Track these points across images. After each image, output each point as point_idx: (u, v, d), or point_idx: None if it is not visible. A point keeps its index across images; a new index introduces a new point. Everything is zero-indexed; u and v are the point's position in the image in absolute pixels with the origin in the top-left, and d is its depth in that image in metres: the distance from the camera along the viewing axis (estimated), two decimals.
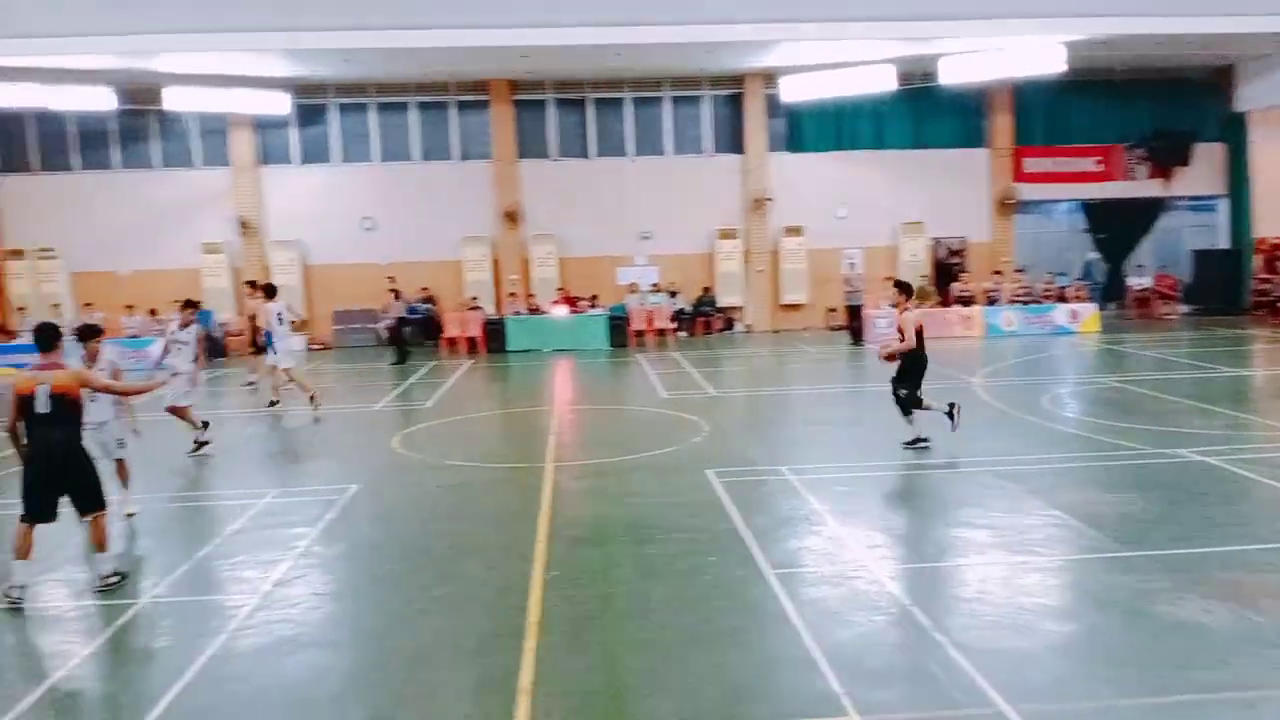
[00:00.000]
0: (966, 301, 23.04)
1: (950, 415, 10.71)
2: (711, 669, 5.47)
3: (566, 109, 24.66)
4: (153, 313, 22.20)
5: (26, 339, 18.79)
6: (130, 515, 8.93)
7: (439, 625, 6.27)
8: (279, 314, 15.23)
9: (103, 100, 21.55)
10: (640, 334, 22.91)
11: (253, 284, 19.01)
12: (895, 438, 10.89)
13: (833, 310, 24.72)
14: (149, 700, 5.27)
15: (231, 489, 10.20)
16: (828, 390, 15.88)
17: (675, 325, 23.84)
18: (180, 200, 23.81)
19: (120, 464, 9.10)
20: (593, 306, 23.09)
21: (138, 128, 23.67)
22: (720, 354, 21.24)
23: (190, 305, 12.97)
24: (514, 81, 23.98)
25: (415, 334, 23.57)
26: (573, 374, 18.78)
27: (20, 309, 23.02)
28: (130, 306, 22.30)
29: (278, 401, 15.31)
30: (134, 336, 21.52)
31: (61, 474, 6.99)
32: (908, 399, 10.66)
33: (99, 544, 7.16)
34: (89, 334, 8.78)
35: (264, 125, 23.79)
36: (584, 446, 11.95)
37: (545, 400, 15.59)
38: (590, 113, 24.65)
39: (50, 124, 23.38)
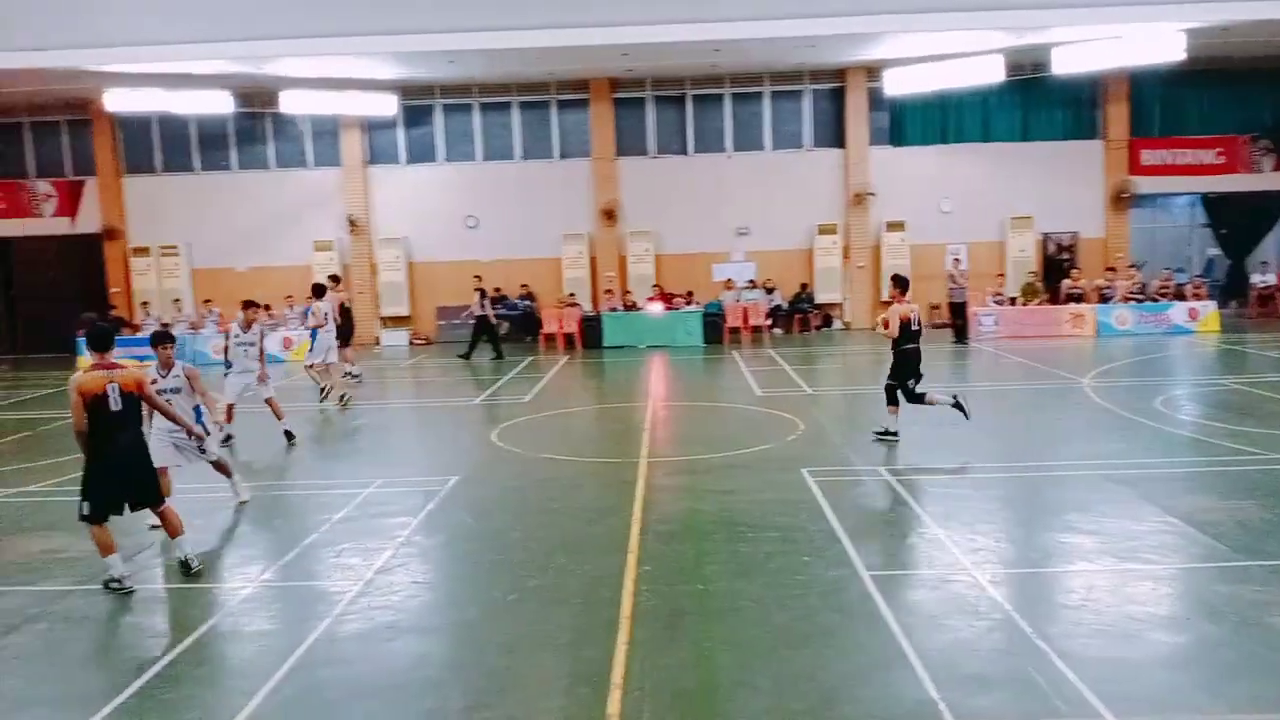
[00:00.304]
0: (1077, 299, 22.23)
1: (960, 407, 11.16)
2: (804, 669, 5.43)
3: (665, 106, 24.70)
4: (267, 308, 23.05)
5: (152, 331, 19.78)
6: (243, 503, 9.27)
7: (533, 616, 6.38)
8: (317, 312, 15.77)
9: (222, 104, 22.50)
10: (735, 331, 22.80)
11: (335, 278, 19.66)
12: (998, 439, 10.60)
13: (936, 307, 24.16)
14: (259, 679, 5.50)
15: (339, 478, 10.55)
16: (929, 389, 15.50)
17: (771, 322, 23.66)
18: (293, 199, 24.71)
19: (216, 463, 9.13)
20: (688, 303, 23.09)
21: (254, 130, 24.65)
22: (817, 351, 20.99)
23: (251, 305, 13.10)
24: (614, 79, 24.14)
25: (514, 330, 23.99)
26: (667, 370, 18.83)
27: (144, 304, 24.23)
28: (267, 306, 23.22)
29: (327, 391, 15.63)
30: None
31: (130, 472, 7.16)
32: (890, 389, 11.25)
33: (174, 531, 7.41)
34: (161, 340, 8.63)
35: (373, 126, 24.49)
36: (677, 443, 11.97)
37: (639, 396, 15.67)
38: (689, 109, 24.63)
39: (173, 127, 24.52)
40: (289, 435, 12.53)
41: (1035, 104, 23.97)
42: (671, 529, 8.12)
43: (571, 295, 23.82)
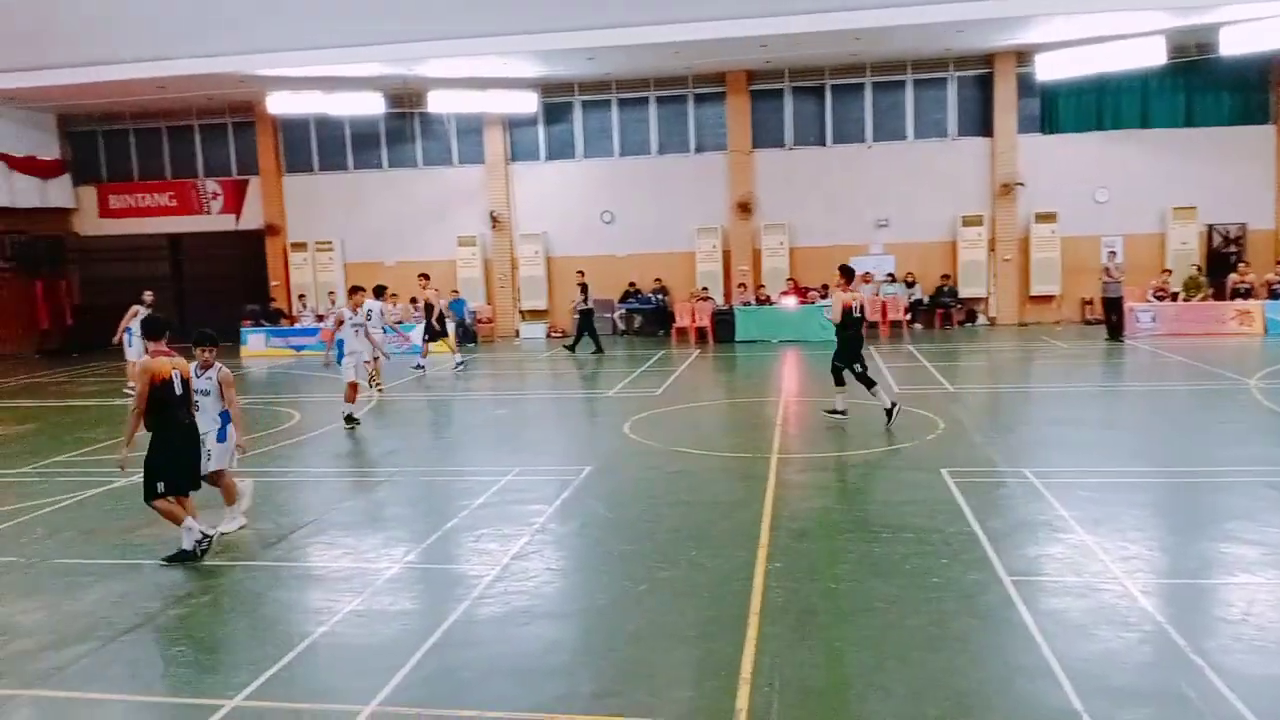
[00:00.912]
0: (1244, 295, 20.78)
1: (889, 414, 11.83)
2: (938, 673, 5.29)
3: (803, 97, 24.38)
4: (412, 301, 23.99)
5: (308, 323, 20.90)
6: (222, 534, 8.12)
7: (663, 607, 6.43)
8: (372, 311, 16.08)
9: (374, 105, 23.49)
10: (873, 325, 22.31)
11: (425, 275, 20.78)
12: (1154, 442, 10.03)
13: (1088, 302, 23.04)
14: (401, 657, 5.74)
15: (479, 465, 10.88)
16: (1079, 388, 14.84)
17: (910, 317, 23.05)
18: (439, 196, 25.59)
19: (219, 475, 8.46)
20: (823, 297, 22.73)
21: (403, 130, 25.64)
22: (959, 347, 20.34)
23: (358, 290, 14.24)
24: (751, 72, 23.98)
25: (647, 323, 24.18)
26: (800, 365, 18.60)
27: (301, 297, 25.57)
28: (395, 295, 24.20)
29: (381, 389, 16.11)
30: (398, 322, 23.32)
31: (187, 453, 7.65)
32: (836, 370, 12.29)
33: (191, 512, 7.69)
34: (201, 341, 8.21)
35: (514, 124, 25.10)
36: (810, 439, 11.82)
37: (771, 391, 15.55)
38: (828, 99, 24.23)
39: (329, 128, 25.77)
40: (350, 419, 13.07)
41: (1200, 87, 22.53)
42: (803, 526, 8.03)
43: (704, 289, 23.83)
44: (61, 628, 6.43)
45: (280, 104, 23.23)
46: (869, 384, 12.12)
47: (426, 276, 20.69)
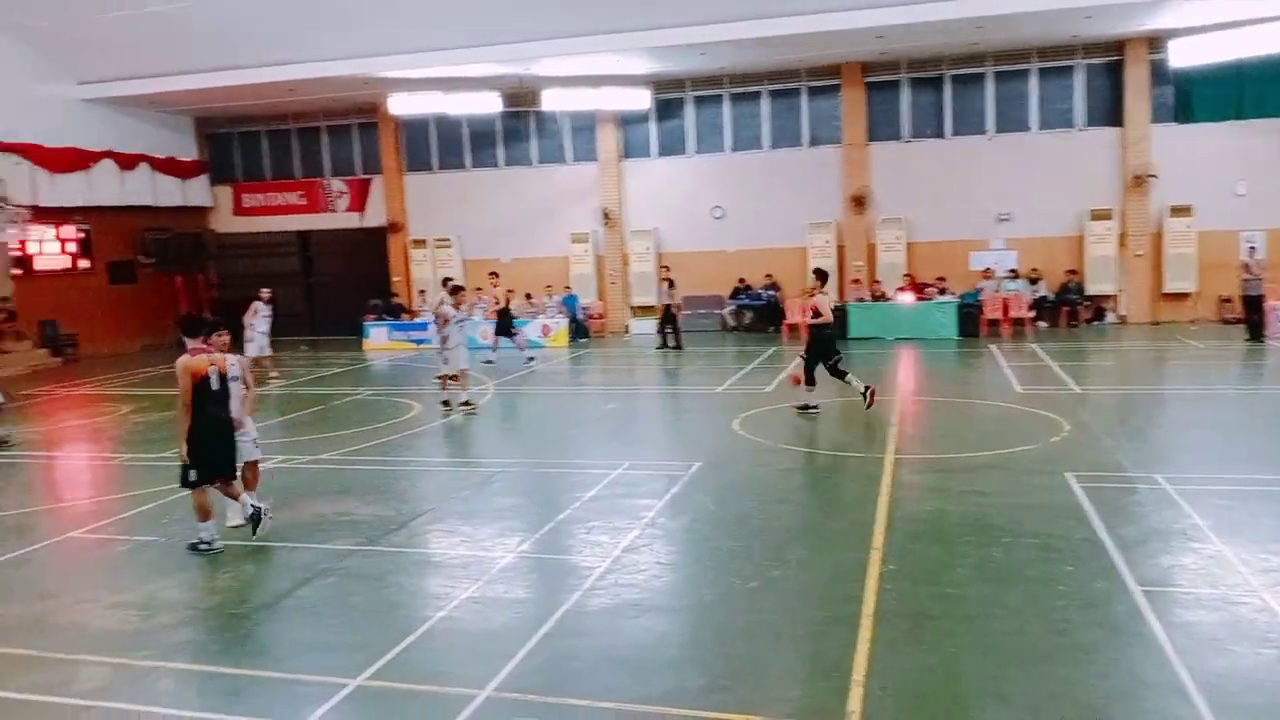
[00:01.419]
0: None
1: (865, 395, 12.59)
2: (1059, 684, 5.11)
3: (921, 88, 23.78)
4: (528, 297, 24.44)
5: (427, 317, 21.51)
6: (236, 527, 8.43)
7: (773, 605, 6.39)
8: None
9: (490, 104, 23.98)
10: (994, 323, 21.64)
11: (495, 274, 21.53)
12: None
13: (1227, 300, 21.79)
14: (514, 643, 5.87)
15: (590, 459, 11.01)
16: (1216, 390, 14.07)
17: (1034, 314, 22.25)
18: (553, 194, 25.95)
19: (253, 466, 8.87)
20: (941, 293, 22.16)
21: (519, 128, 26.09)
22: (1087, 346, 19.53)
23: (460, 289, 15.14)
24: (866, 63, 23.52)
25: (757, 320, 24.01)
26: (917, 364, 18.17)
27: (421, 292, 26.32)
28: (510, 291, 24.68)
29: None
30: (513, 318, 23.78)
31: (223, 444, 8.04)
32: (810, 370, 12.87)
33: (238, 495, 8.16)
34: (219, 327, 8.56)
35: (626, 121, 25.25)
36: (927, 439, 11.54)
37: (886, 390, 15.21)
38: (947, 90, 23.57)
39: (447, 128, 26.43)
40: (449, 404, 13.86)
41: None
42: (919, 528, 7.86)
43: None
44: (198, 604, 6.80)
45: (401, 105, 23.93)
46: (841, 375, 12.95)
47: (496, 275, 21.54)
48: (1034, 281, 22.80)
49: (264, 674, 5.66)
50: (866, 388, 12.71)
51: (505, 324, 20.27)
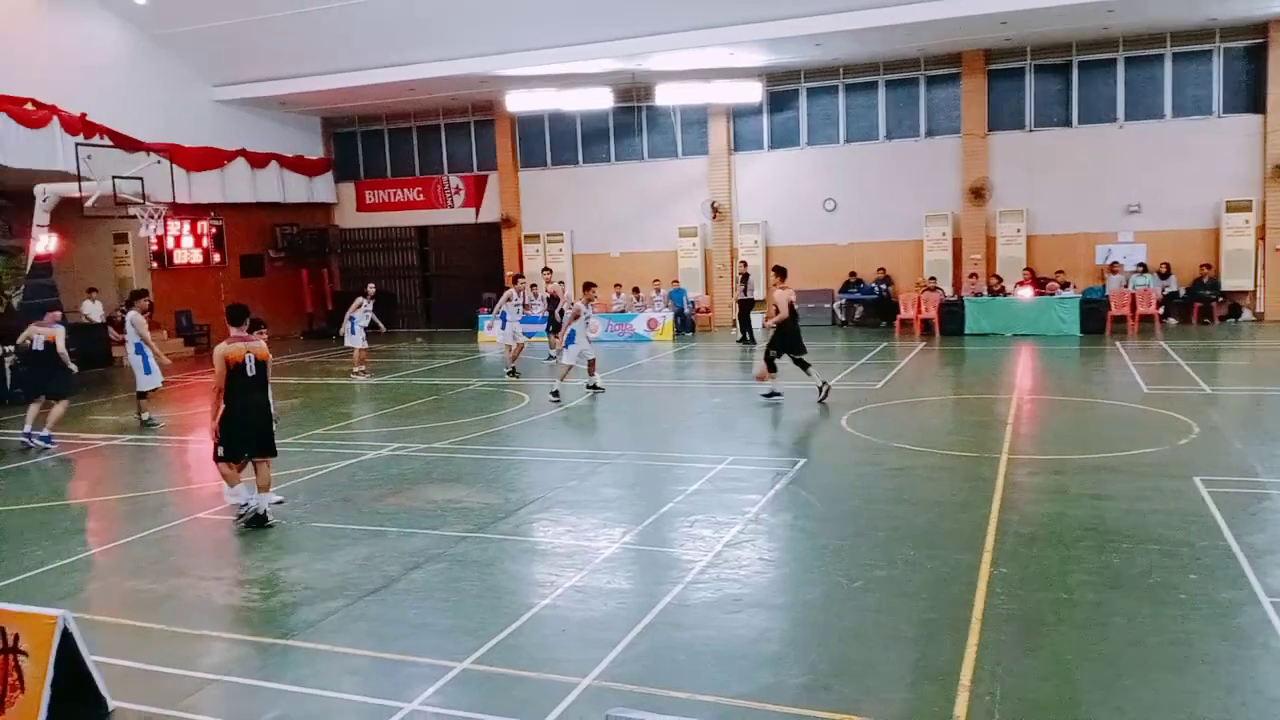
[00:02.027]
0: None
1: (821, 390, 13.45)
2: (1179, 697, 4.88)
3: (1046, 75, 22.90)
4: (635, 291, 24.58)
5: (538, 311, 21.87)
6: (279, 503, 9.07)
7: (878, 605, 6.29)
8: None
9: (603, 100, 24.18)
10: (1120, 320, 20.72)
11: (549, 269, 22.32)
12: None
13: None
14: (617, 633, 5.94)
15: (693, 452, 11.02)
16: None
17: (1163, 311, 21.20)
18: (663, 188, 26.01)
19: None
20: (1063, 288, 21.32)
21: (630, 123, 26.24)
22: (1219, 345, 18.52)
23: (591, 285, 16.12)
24: (989, 50, 22.79)
25: (869, 314, 23.58)
26: (1036, 361, 17.54)
27: (533, 286, 26.73)
28: (618, 285, 24.90)
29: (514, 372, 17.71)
30: (620, 311, 24.01)
31: (256, 427, 8.55)
32: (770, 357, 13.66)
33: (267, 484, 8.68)
34: (260, 324, 9.58)
35: (738, 114, 25.10)
36: (1045, 440, 11.14)
37: (1003, 388, 14.76)
38: (1074, 77, 22.64)
39: (561, 124, 26.77)
40: (556, 395, 14.37)
41: None
42: (1033, 531, 7.60)
43: (932, 279, 22.92)
44: (316, 584, 7.10)
45: (517, 102, 24.35)
46: (805, 366, 13.73)
47: (550, 270, 22.26)
48: (1164, 276, 21.74)
49: (377, 654, 5.87)
50: (823, 383, 13.57)
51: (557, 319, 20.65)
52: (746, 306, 22.17)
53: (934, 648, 5.62)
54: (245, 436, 8.59)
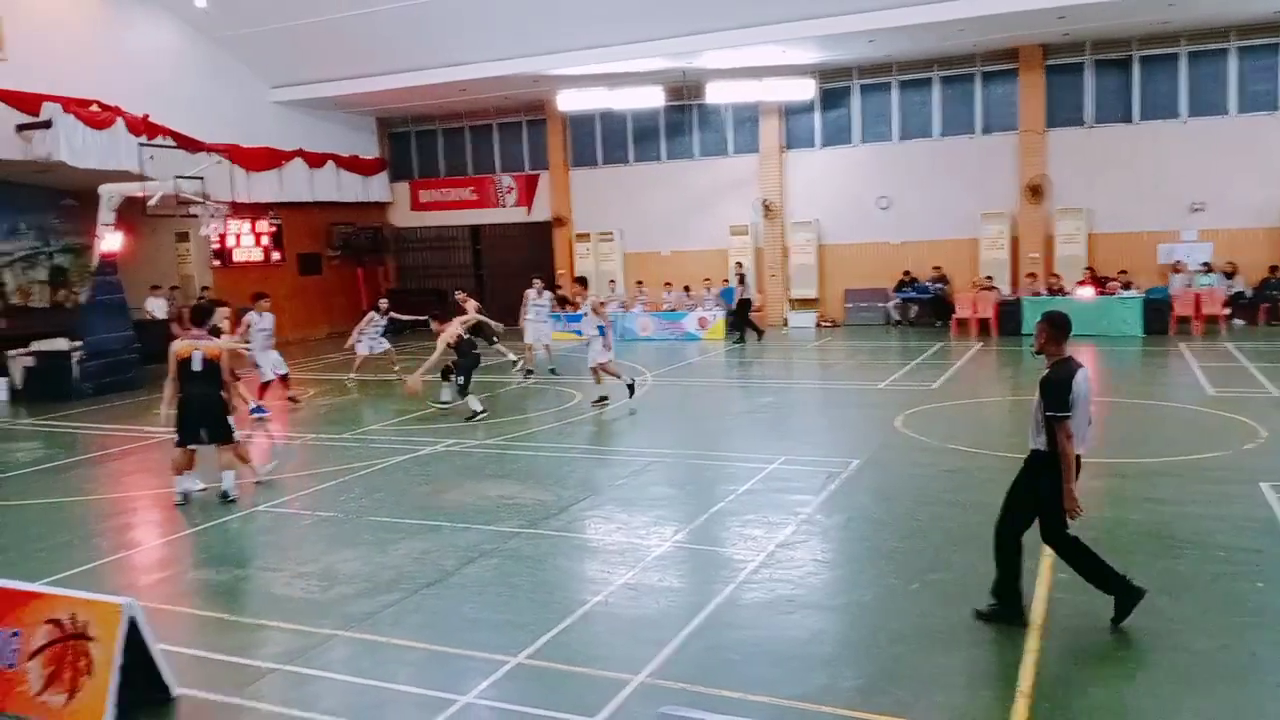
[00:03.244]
0: None
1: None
2: (1242, 709, 4.77)
3: (1107, 70, 22.43)
4: (686, 289, 24.55)
5: (585, 309, 21.95)
6: (259, 482, 10.07)
7: (933, 609, 6.22)
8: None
9: (654, 99, 24.19)
10: (1184, 320, 20.22)
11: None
12: None
13: None
14: (668, 631, 5.95)
15: (745, 452, 10.98)
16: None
17: (1229, 311, 20.65)
18: (713, 186, 25.94)
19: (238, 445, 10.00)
20: (1125, 288, 20.86)
21: (681, 122, 26.21)
22: None
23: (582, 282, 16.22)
24: (1047, 45, 22.38)
25: (923, 313, 23.31)
26: (1097, 362, 17.18)
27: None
28: (669, 283, 24.89)
29: (531, 371, 17.79)
30: (670, 310, 23.99)
31: (204, 415, 9.29)
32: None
33: (227, 465, 9.48)
34: (215, 332, 10.44)
35: (790, 112, 24.95)
36: (1105, 443, 10.86)
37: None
38: (1135, 72, 22.15)
39: (611, 123, 26.83)
40: (603, 399, 13.94)
41: None
42: (1094, 536, 7.39)
43: (988, 278, 22.58)
44: (373, 577, 7.21)
45: (568, 101, 24.46)
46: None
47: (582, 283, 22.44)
48: (1230, 276, 21.17)
49: (432, 646, 5.95)
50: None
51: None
52: (744, 306, 22.38)
53: (991, 653, 5.55)
54: (193, 423, 9.35)
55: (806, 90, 23.59)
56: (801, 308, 25.05)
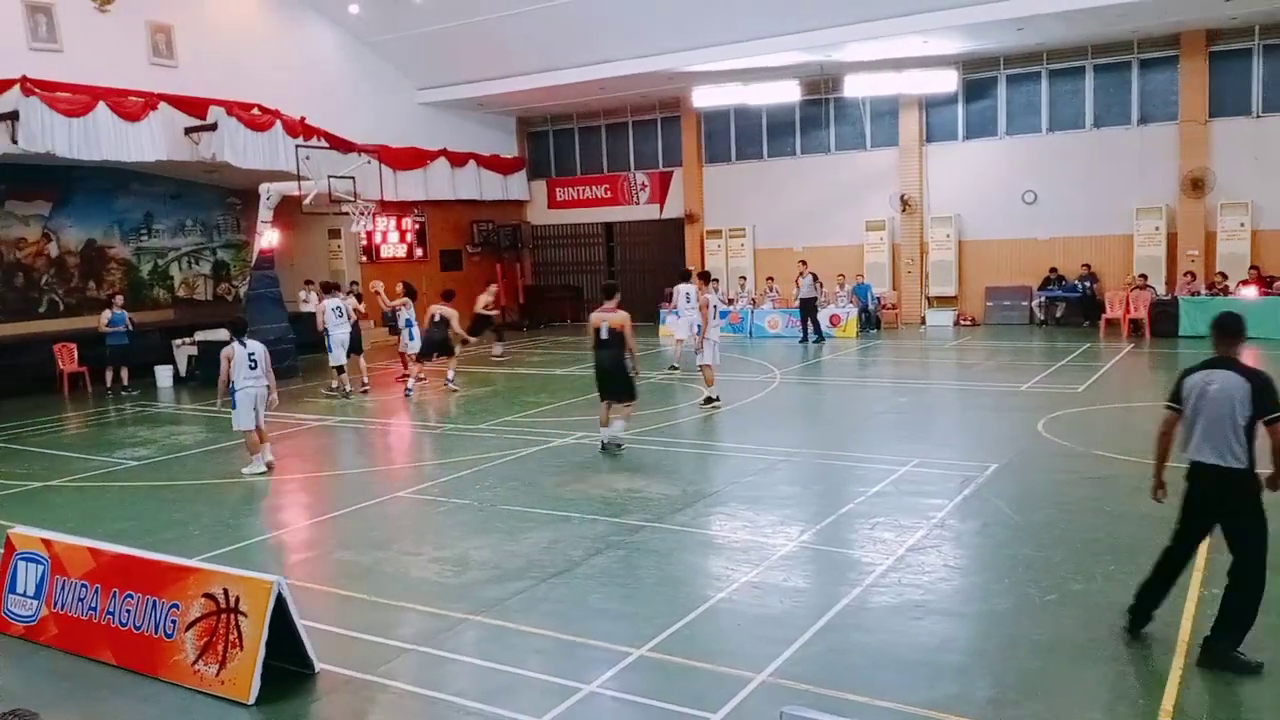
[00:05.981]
0: None
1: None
2: None
3: (1275, 57, 20.88)
4: (814, 276, 24.14)
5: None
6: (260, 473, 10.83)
7: (1073, 621, 5.96)
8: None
9: (789, 93, 23.91)
10: None
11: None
12: None
13: None
14: (792, 631, 5.90)
15: (877, 453, 10.76)
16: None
17: None
18: (850, 181, 25.46)
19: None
20: None
21: (817, 116, 25.83)
22: None
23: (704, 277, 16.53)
24: (1212, 31, 21.01)
25: (1070, 312, 22.28)
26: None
27: (714, 281, 26.78)
28: (800, 274, 24.53)
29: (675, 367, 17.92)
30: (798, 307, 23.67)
31: (605, 378, 11.15)
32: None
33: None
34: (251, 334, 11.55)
35: (931, 104, 24.24)
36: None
37: None
38: None
39: (746, 118, 26.66)
40: (710, 400, 13.86)
41: None
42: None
43: (1142, 276, 21.37)
44: (503, 565, 7.41)
45: (703, 98, 24.44)
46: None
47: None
48: None
49: (558, 634, 6.08)
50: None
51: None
52: (809, 305, 21.70)
53: (1134, 669, 5.29)
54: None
55: (949, 82, 22.86)
56: (940, 305, 24.34)
